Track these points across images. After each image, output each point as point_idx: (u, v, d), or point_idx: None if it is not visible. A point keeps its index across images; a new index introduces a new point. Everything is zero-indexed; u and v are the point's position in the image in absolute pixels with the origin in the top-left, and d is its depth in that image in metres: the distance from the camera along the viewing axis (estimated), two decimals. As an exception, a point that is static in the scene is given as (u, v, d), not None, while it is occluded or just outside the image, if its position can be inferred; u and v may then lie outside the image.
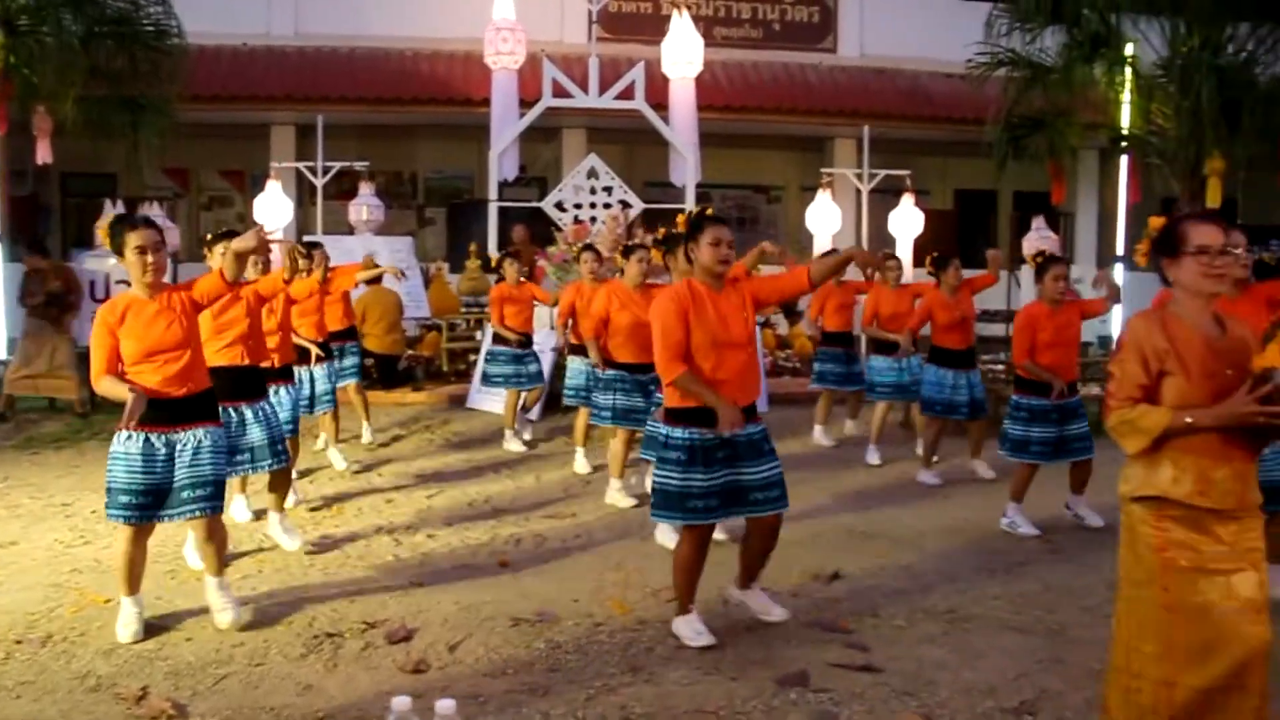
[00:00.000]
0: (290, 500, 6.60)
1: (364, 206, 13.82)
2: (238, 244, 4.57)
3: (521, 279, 9.44)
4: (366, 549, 6.18)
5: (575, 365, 8.39)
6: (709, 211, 4.80)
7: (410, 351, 12.43)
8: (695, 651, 4.54)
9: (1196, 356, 3.11)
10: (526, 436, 9.59)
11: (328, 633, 4.74)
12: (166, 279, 4.72)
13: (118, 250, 4.57)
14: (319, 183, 13.92)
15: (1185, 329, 3.15)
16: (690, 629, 4.64)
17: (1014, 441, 6.75)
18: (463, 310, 13.22)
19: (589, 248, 8.62)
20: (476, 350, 11.43)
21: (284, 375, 6.70)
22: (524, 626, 4.83)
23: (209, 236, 5.77)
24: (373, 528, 6.65)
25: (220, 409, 4.96)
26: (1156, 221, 3.41)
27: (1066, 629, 4.89)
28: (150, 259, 4.53)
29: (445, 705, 2.42)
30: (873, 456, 8.78)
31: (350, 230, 13.94)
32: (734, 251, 4.66)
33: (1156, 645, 3.11)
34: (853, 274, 9.43)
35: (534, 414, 10.19)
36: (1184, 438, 3.07)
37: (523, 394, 9.44)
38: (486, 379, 9.60)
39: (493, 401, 10.39)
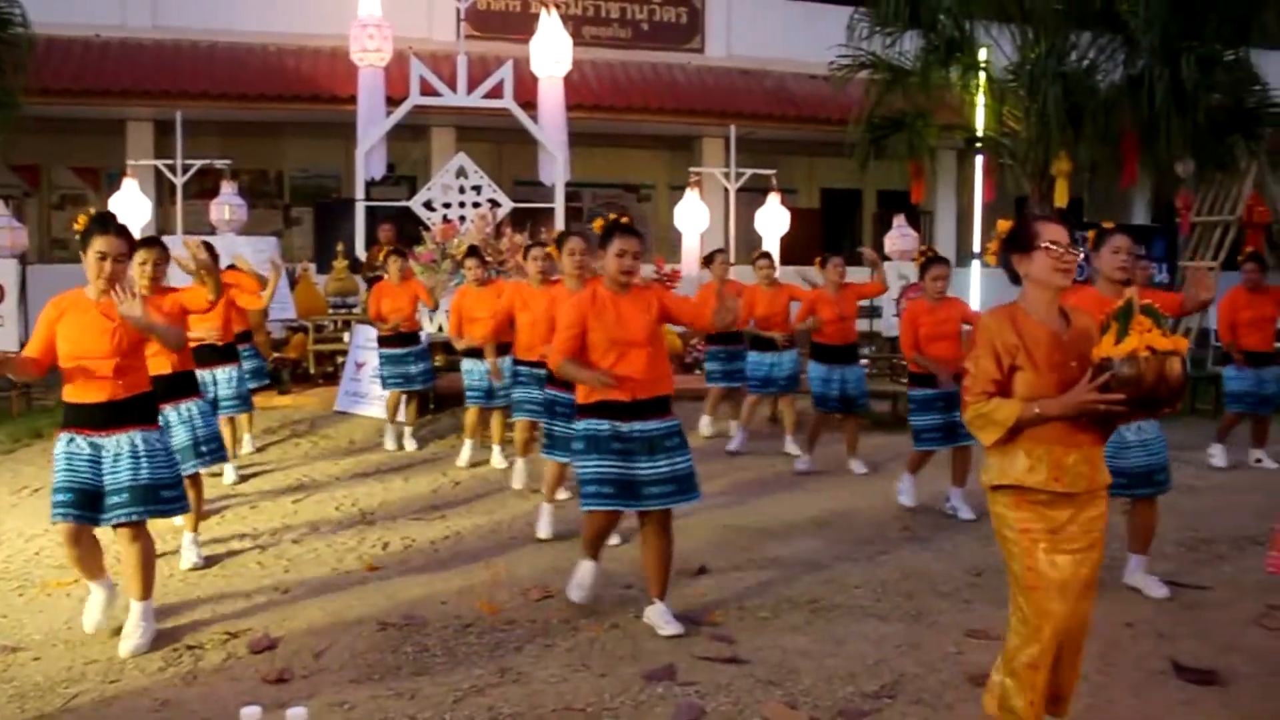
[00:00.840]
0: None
1: (226, 206, 13.41)
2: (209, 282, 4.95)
3: (407, 276, 9.37)
4: (229, 558, 6.03)
5: (470, 365, 8.44)
6: (624, 220, 5.04)
7: (276, 354, 12.15)
8: (565, 649, 4.57)
9: (1043, 350, 3.29)
10: (409, 444, 9.48)
11: (187, 645, 4.62)
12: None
13: (83, 246, 4.56)
14: (178, 181, 13.47)
15: (1033, 324, 3.33)
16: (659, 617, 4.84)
17: (913, 430, 7.23)
18: (330, 311, 12.97)
19: (473, 252, 8.62)
20: (344, 353, 11.23)
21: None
22: (391, 631, 4.79)
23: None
24: (236, 535, 6.51)
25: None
26: (1005, 224, 3.59)
27: (924, 615, 5.07)
28: (108, 267, 4.51)
29: (296, 713, 2.40)
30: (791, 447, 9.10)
31: (212, 230, 13.53)
32: (638, 263, 4.91)
33: (1025, 629, 3.30)
34: (736, 274, 9.64)
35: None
36: (1036, 427, 3.25)
37: (402, 395, 9.43)
38: (384, 381, 9.42)
39: (363, 405, 10.24)
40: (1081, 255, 3.41)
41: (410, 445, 9.41)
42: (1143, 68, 11.47)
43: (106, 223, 4.55)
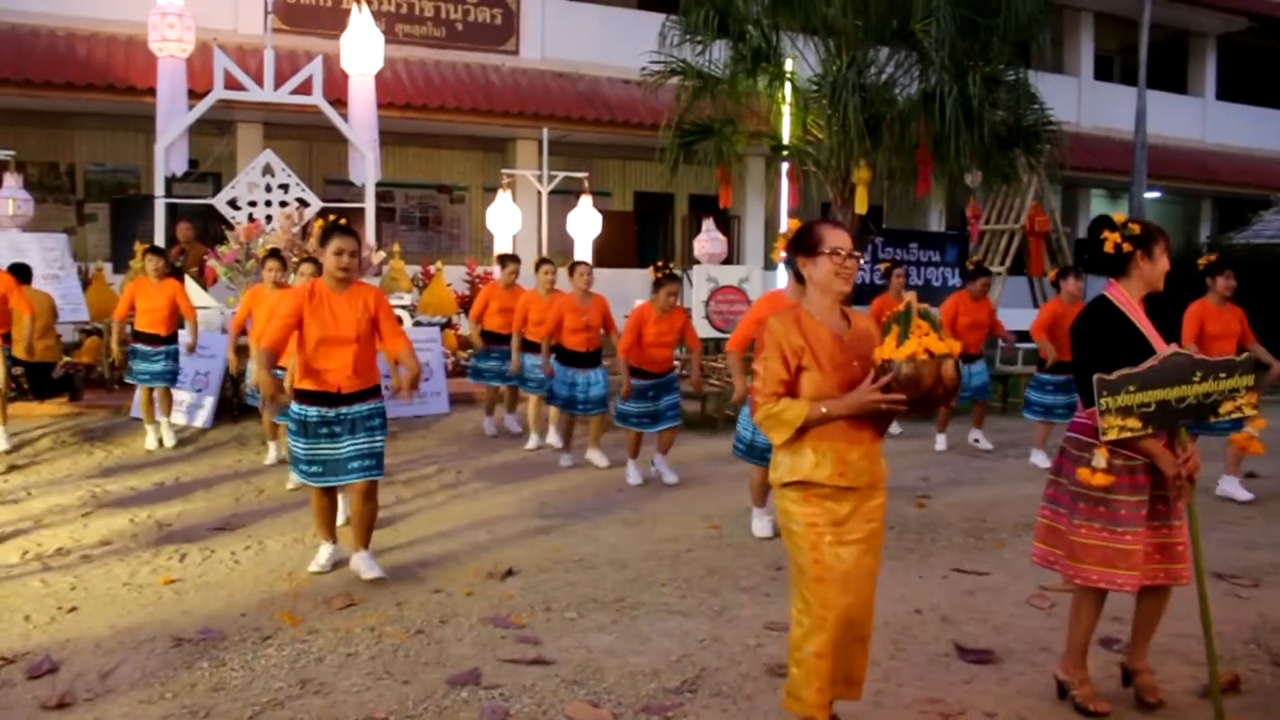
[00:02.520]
0: None
1: (10, 200, 12.61)
2: None
3: (165, 277, 9.09)
4: (8, 575, 5.69)
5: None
6: (341, 221, 5.51)
7: (67, 359, 11.50)
8: (368, 657, 4.51)
9: (826, 351, 3.45)
10: (168, 438, 9.34)
11: (-43, 671, 4.34)
12: None
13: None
14: (-45, 173, 12.60)
15: (816, 325, 3.49)
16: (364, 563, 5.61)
17: (619, 413, 8.15)
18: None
19: (275, 254, 8.40)
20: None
21: None
22: (186, 646, 4.63)
23: None
24: (18, 551, 6.14)
25: None
26: (794, 223, 3.75)
27: (726, 609, 5.22)
28: None
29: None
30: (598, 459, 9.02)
31: (-7, 226, 12.72)
32: (356, 260, 5.42)
33: (810, 619, 3.44)
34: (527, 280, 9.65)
35: (206, 420, 9.74)
36: (821, 426, 3.41)
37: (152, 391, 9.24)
38: (131, 375, 9.21)
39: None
40: (863, 260, 3.58)
41: (170, 440, 9.31)
42: (935, 83, 12.06)
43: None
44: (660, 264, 8.02)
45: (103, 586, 5.52)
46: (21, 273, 10.35)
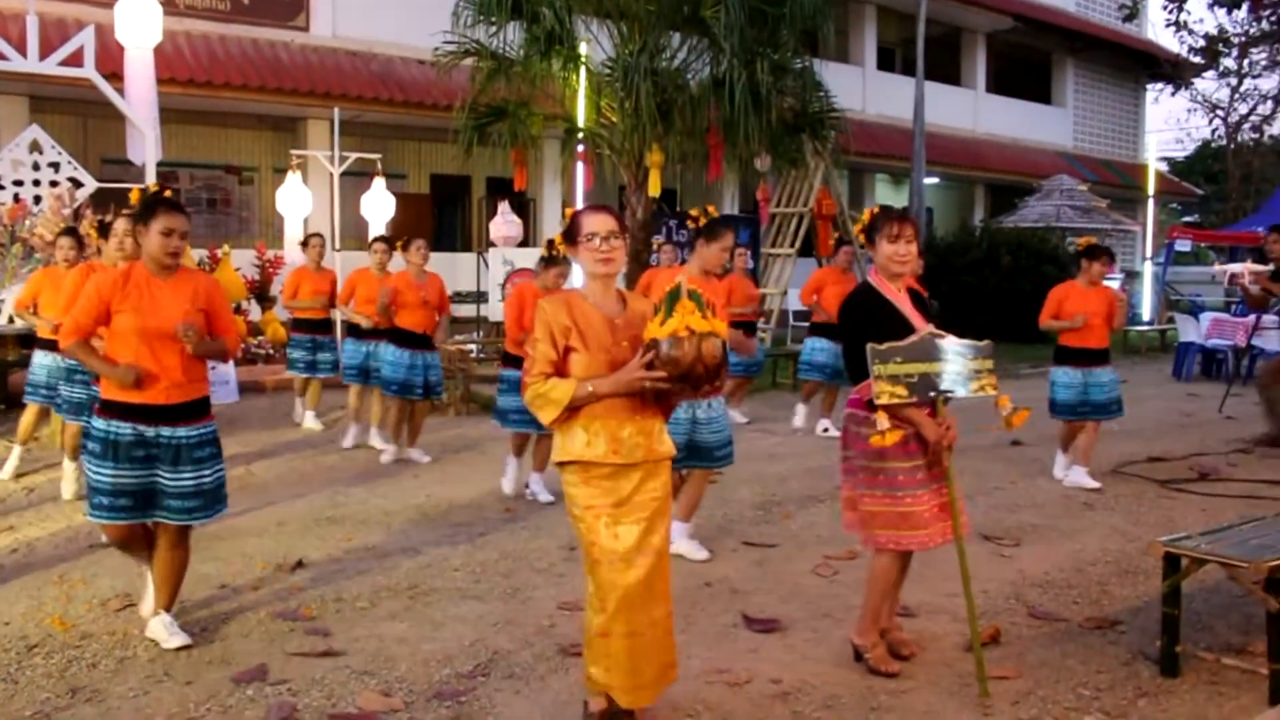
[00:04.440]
0: None
1: None
2: None
3: None
4: None
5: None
6: (166, 194, 4.60)
7: None
8: (146, 660, 4.32)
9: (595, 332, 3.51)
10: None
11: None
12: None
13: None
14: None
15: (588, 308, 3.56)
16: (164, 629, 4.49)
17: (497, 411, 7.38)
18: None
19: (70, 232, 7.89)
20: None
21: None
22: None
23: None
24: None
25: None
26: (570, 212, 3.80)
27: (520, 591, 5.25)
28: None
29: None
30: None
31: None
32: (185, 243, 4.41)
33: (595, 597, 3.49)
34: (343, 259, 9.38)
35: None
36: (592, 405, 3.45)
37: None
38: None
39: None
40: (622, 243, 3.61)
41: None
42: (725, 69, 12.35)
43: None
44: (550, 243, 7.16)
45: None
46: None
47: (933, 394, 4.08)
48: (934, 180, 24.92)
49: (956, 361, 4.12)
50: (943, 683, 4.16)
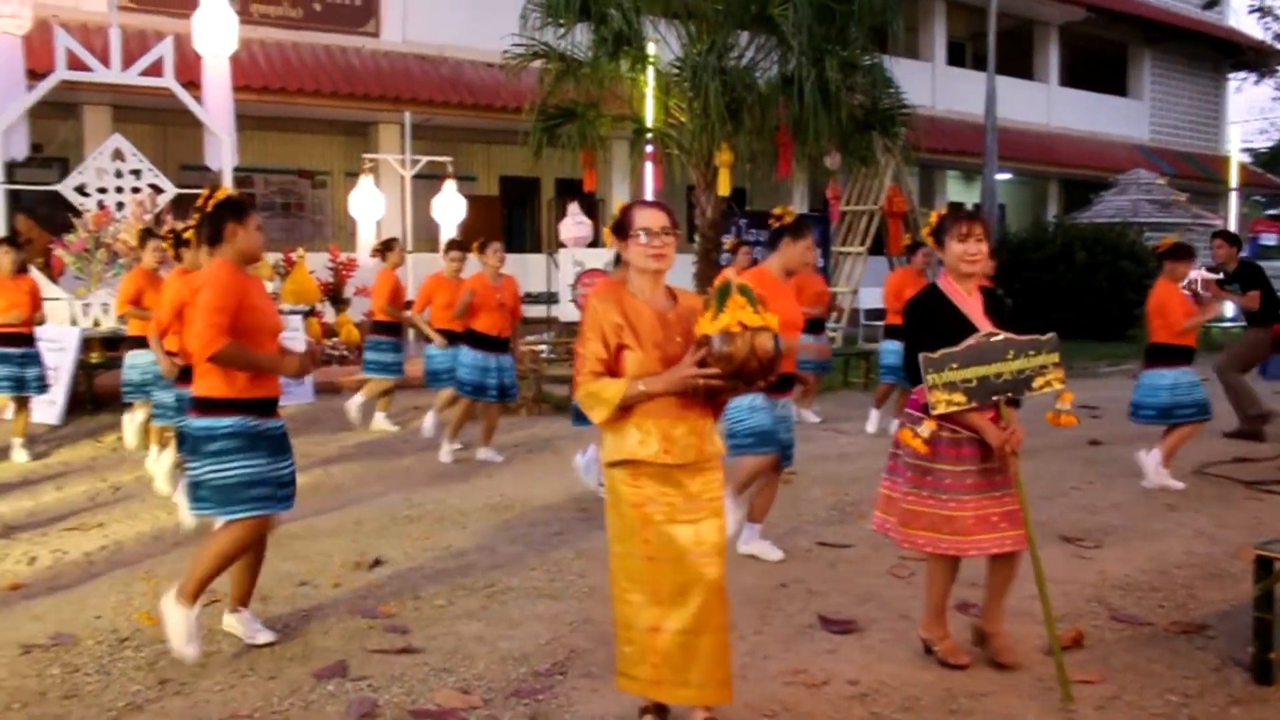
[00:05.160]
0: None
1: None
2: None
3: (21, 270, 8.40)
4: None
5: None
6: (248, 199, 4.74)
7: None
8: (230, 655, 4.42)
9: (647, 329, 3.47)
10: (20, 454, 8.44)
11: None
12: None
13: None
14: None
15: (638, 304, 3.51)
16: (249, 627, 4.56)
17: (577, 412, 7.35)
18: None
19: (151, 234, 8.13)
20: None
21: None
22: (37, 653, 4.45)
23: None
24: None
25: None
26: (621, 206, 3.78)
27: (596, 591, 5.26)
28: None
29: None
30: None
31: None
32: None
33: (642, 595, 3.43)
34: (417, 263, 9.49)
35: (55, 417, 9.35)
36: (645, 404, 3.41)
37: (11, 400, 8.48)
38: None
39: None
40: (674, 240, 3.58)
41: (22, 456, 8.37)
42: (794, 68, 12.28)
43: None
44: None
45: (-56, 594, 5.27)
46: None
47: (994, 398, 4.00)
48: (1006, 176, 24.55)
49: (1018, 360, 4.02)
50: (1023, 686, 4.10)
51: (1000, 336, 4.01)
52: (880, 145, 14.51)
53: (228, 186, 4.24)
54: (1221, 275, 9.52)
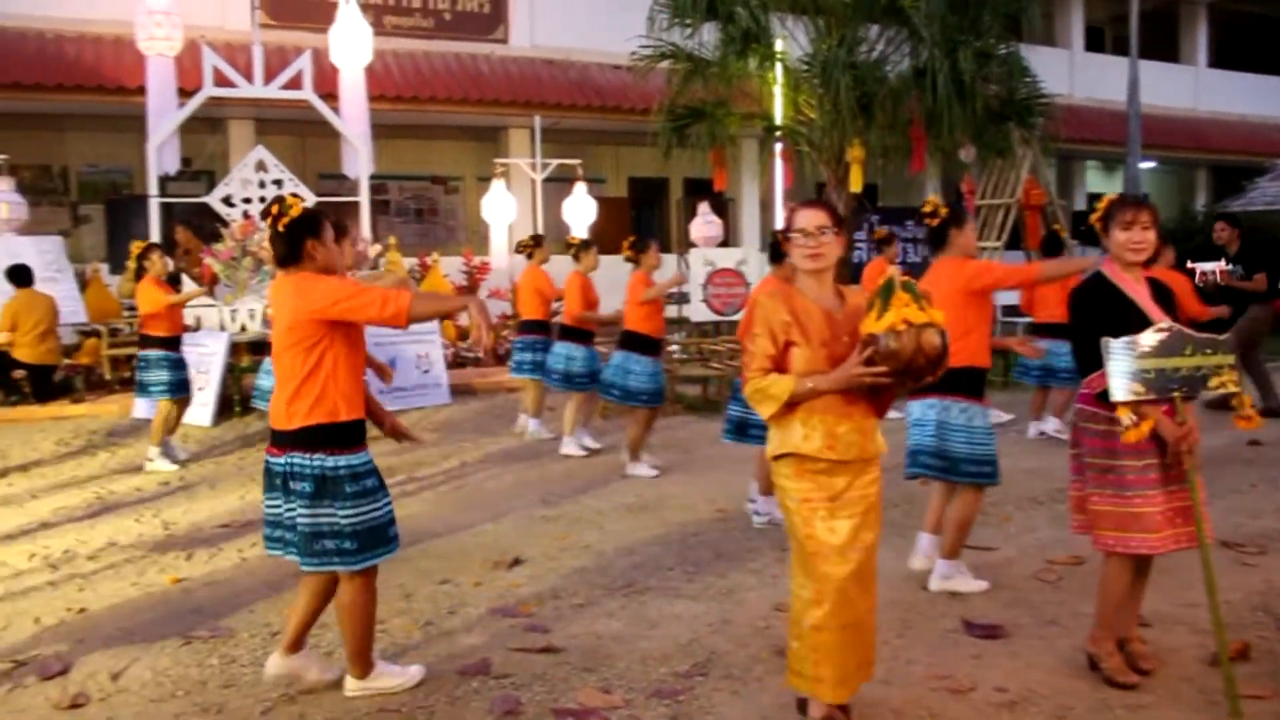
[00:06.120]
0: None
1: (4, 204, 12.62)
2: None
3: (172, 275, 8.77)
4: (16, 578, 5.71)
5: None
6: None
7: (67, 361, 11.52)
8: (377, 650, 4.49)
9: (815, 326, 3.49)
10: (180, 457, 8.70)
11: (-30, 675, 4.36)
12: None
13: None
14: (-53, 179, 12.60)
15: (806, 303, 3.54)
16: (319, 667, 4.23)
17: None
18: (125, 314, 12.38)
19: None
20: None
21: None
22: (196, 644, 4.64)
23: None
24: (25, 554, 6.15)
25: None
26: (791, 208, 3.76)
27: (735, 592, 5.23)
28: None
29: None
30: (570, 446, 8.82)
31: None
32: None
33: (809, 591, 3.48)
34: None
35: (207, 418, 9.74)
36: (811, 400, 3.45)
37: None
38: (143, 389, 8.56)
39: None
40: (829, 238, 3.53)
41: (164, 465, 8.50)
42: (926, 60, 12.00)
43: None
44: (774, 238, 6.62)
45: (111, 587, 5.53)
46: (22, 275, 10.37)
47: (1172, 391, 3.84)
48: (1150, 165, 23.59)
49: (1195, 358, 3.86)
50: (1185, 698, 3.91)
51: (1180, 330, 3.86)
52: (1017, 137, 14.08)
53: (298, 198, 3.94)
54: (1229, 264, 9.37)
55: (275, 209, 3.88)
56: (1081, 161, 23.93)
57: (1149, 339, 3.81)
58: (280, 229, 3.85)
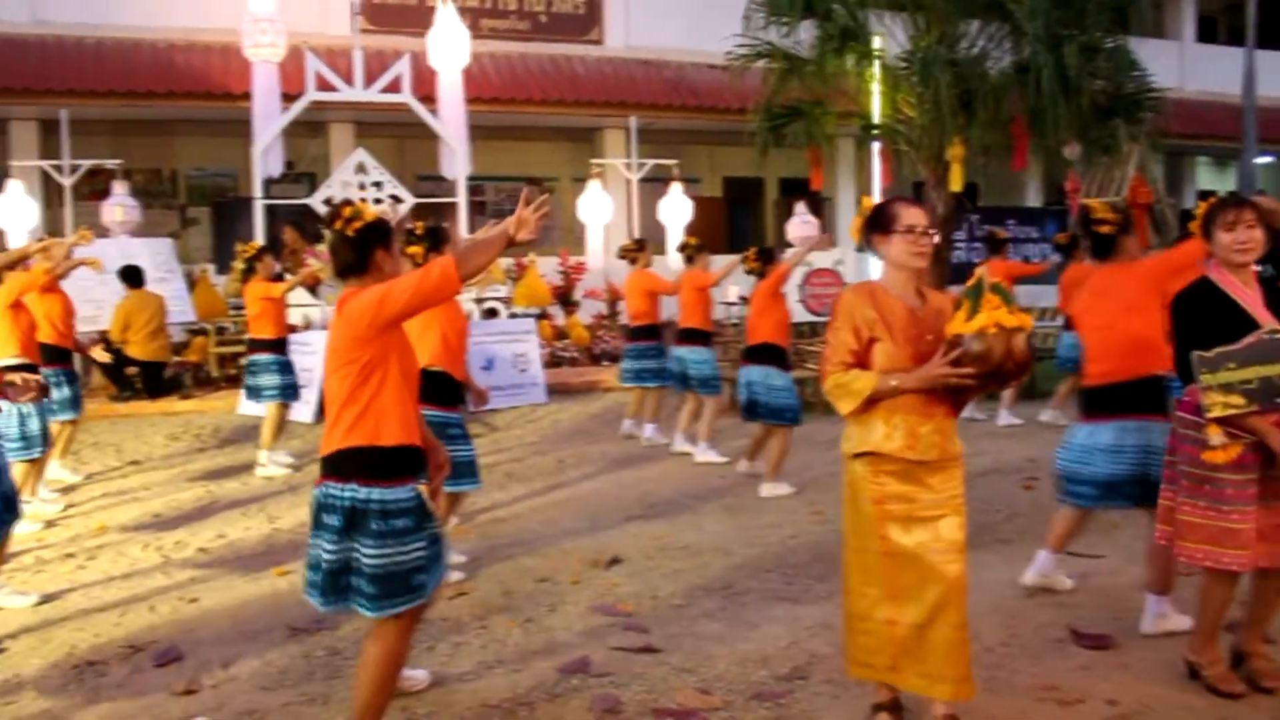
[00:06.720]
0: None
1: (118, 207, 13.11)
2: None
3: (277, 276, 8.78)
4: (131, 566, 5.91)
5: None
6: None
7: (177, 358, 11.89)
8: (478, 646, 4.57)
9: (900, 324, 3.46)
10: (285, 460, 8.69)
11: (89, 661, 4.51)
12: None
13: None
14: (66, 182, 13.12)
15: (891, 300, 3.51)
16: None
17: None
18: (231, 313, 12.73)
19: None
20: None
21: None
22: (302, 636, 4.74)
23: None
24: (139, 545, 6.36)
25: None
26: (869, 202, 3.72)
27: (835, 595, 5.09)
28: None
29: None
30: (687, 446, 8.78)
31: (105, 233, 13.19)
32: None
33: (879, 589, 3.45)
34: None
35: (309, 416, 9.95)
36: (893, 399, 3.41)
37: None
38: (254, 393, 8.55)
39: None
40: (936, 238, 3.51)
41: (275, 469, 8.48)
42: (1029, 55, 11.72)
43: None
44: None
45: (220, 579, 5.68)
46: (134, 276, 10.73)
47: (1278, 401, 3.67)
48: (1267, 159, 22.73)
49: None
50: (1311, 718, 3.75)
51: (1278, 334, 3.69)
52: (1124, 133, 13.67)
53: (366, 204, 3.68)
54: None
55: (347, 211, 3.52)
56: (1192, 158, 23.18)
57: (1245, 347, 3.65)
58: (351, 233, 3.48)
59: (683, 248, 9.03)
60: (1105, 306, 4.69)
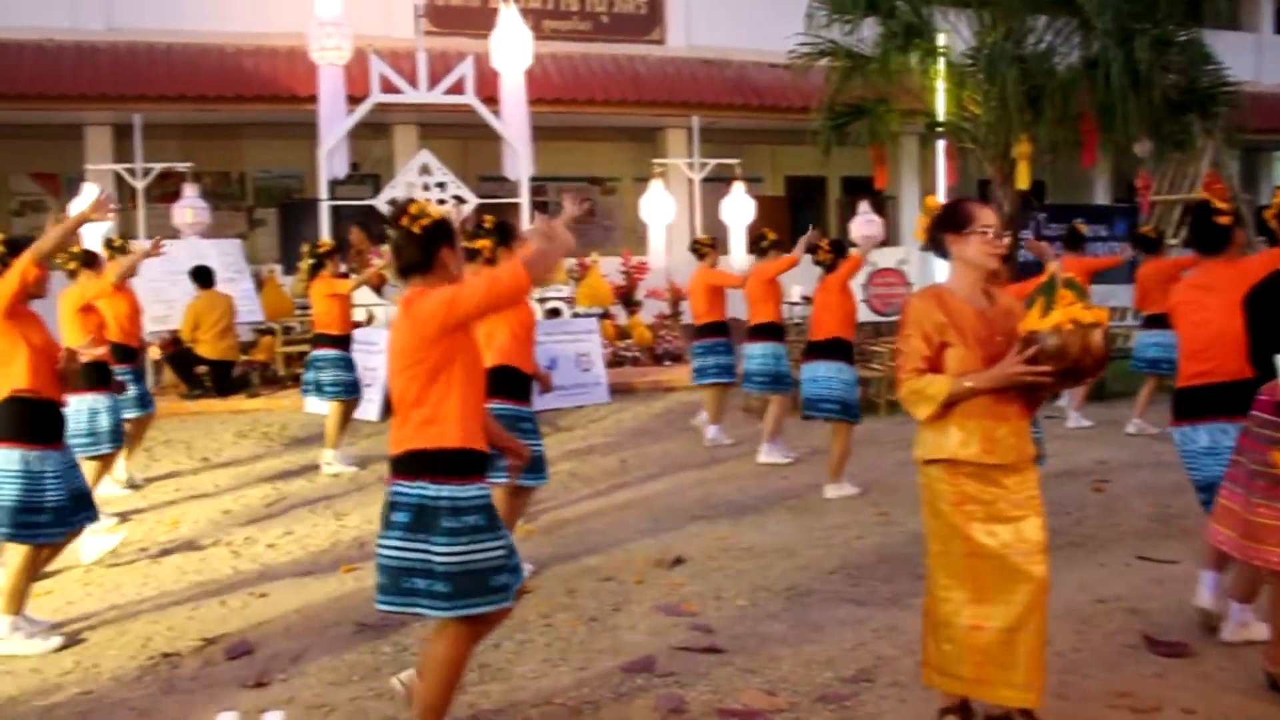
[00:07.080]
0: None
1: (189, 209, 13.35)
2: None
3: (342, 275, 8.86)
4: (203, 562, 6.02)
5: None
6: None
7: (245, 357, 12.10)
8: (543, 644, 4.58)
9: (970, 326, 3.41)
10: (351, 458, 8.70)
11: (163, 652, 4.60)
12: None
13: None
14: (139, 185, 13.38)
15: (959, 303, 3.46)
16: None
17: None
18: (297, 313, 12.92)
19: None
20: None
21: None
22: (368, 631, 4.79)
23: None
24: (210, 539, 6.48)
25: None
26: (933, 202, 3.67)
27: (901, 598, 5.10)
28: None
29: (273, 718, 2.40)
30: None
31: (175, 234, 13.45)
32: None
33: (963, 592, 3.39)
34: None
35: (375, 413, 10.06)
36: (967, 403, 3.36)
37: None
38: (315, 388, 8.61)
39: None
40: (1007, 239, 3.48)
41: (341, 467, 8.49)
42: (1098, 50, 11.49)
43: None
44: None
45: (288, 573, 5.77)
46: (204, 276, 10.93)
47: None
48: (1346, 154, 22.14)
49: None
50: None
51: None
52: (1198, 128, 13.37)
53: (430, 203, 3.63)
54: None
55: (412, 209, 3.49)
56: (1269, 153, 22.61)
57: None
58: (417, 230, 3.45)
59: (755, 242, 9.14)
60: (1210, 302, 4.47)
